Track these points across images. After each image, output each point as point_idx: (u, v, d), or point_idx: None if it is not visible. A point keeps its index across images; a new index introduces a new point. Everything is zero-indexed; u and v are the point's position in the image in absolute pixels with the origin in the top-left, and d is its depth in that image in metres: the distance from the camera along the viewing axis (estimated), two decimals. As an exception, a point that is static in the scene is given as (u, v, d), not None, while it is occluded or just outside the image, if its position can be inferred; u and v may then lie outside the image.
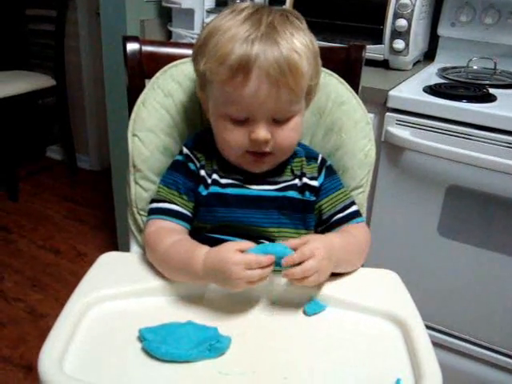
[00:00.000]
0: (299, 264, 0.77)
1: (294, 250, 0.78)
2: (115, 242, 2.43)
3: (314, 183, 0.96)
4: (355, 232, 0.93)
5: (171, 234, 0.88)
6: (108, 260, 0.91)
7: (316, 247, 0.78)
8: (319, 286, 0.84)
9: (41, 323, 2.05)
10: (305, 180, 0.95)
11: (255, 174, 0.92)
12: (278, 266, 0.78)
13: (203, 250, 0.81)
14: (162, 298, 0.82)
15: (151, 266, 0.87)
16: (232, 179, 0.92)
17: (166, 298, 0.82)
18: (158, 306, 0.81)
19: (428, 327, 0.78)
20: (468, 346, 1.63)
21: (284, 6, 1.80)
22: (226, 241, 0.83)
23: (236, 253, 0.76)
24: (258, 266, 0.75)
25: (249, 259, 0.75)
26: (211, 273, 0.78)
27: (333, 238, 0.85)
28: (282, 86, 0.81)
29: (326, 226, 0.96)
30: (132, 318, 0.77)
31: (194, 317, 0.77)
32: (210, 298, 0.82)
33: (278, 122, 0.85)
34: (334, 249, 0.82)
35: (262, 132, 0.84)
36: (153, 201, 0.95)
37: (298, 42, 0.82)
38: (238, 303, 0.81)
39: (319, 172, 0.97)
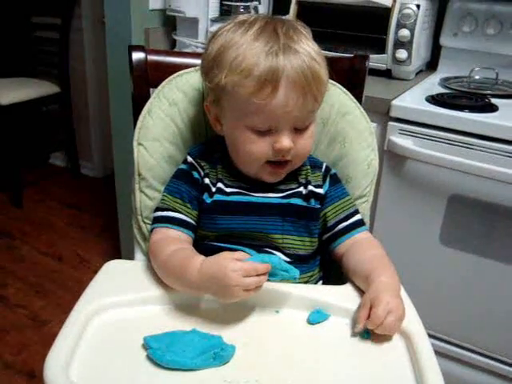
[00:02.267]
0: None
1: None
2: (118, 249, 2.43)
3: (320, 191, 0.97)
4: (375, 247, 0.94)
5: (174, 243, 0.88)
6: (113, 268, 0.92)
7: (385, 300, 0.77)
8: (322, 295, 0.84)
9: (43, 329, 2.05)
10: (310, 188, 0.96)
11: (260, 183, 0.93)
12: (271, 276, 0.78)
13: (199, 258, 0.81)
14: (167, 307, 0.83)
15: (155, 274, 0.88)
16: (237, 188, 0.93)
17: (170, 306, 0.83)
18: (163, 314, 0.81)
19: (429, 335, 0.78)
20: (469, 354, 1.64)
21: (288, 16, 1.81)
22: (230, 249, 0.83)
23: (233, 260, 0.76)
24: (255, 274, 0.76)
25: (246, 266, 0.76)
26: (207, 281, 0.77)
27: (383, 279, 0.82)
28: (308, 94, 0.83)
29: (331, 233, 0.97)
30: (137, 326, 0.78)
31: (199, 325, 0.77)
32: (211, 307, 0.82)
33: (298, 130, 0.87)
34: (394, 286, 0.82)
35: (286, 141, 0.85)
36: (157, 209, 0.96)
37: (313, 51, 0.84)
38: (242, 312, 0.82)
39: (324, 180, 0.99)
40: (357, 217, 0.98)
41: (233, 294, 0.76)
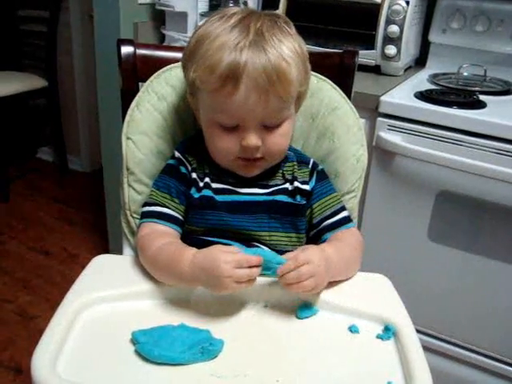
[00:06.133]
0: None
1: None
2: (106, 244, 2.42)
3: (306, 187, 0.96)
4: (349, 239, 0.94)
5: (162, 237, 0.88)
6: (101, 262, 0.91)
7: (311, 254, 0.79)
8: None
9: (31, 325, 2.04)
10: (296, 184, 0.96)
11: (246, 178, 0.93)
12: (265, 270, 0.78)
13: (191, 251, 0.81)
14: (155, 301, 0.82)
15: (144, 268, 0.88)
16: (223, 183, 0.93)
17: (158, 300, 0.83)
18: (151, 308, 0.81)
19: (417, 331, 0.79)
20: (457, 349, 1.65)
21: (277, 11, 1.81)
22: (218, 243, 0.83)
23: (226, 253, 0.77)
24: (247, 265, 0.76)
25: (239, 257, 0.76)
26: (200, 273, 0.78)
27: (327, 248, 0.85)
28: (271, 94, 0.81)
29: (316, 230, 0.97)
30: (125, 320, 0.77)
31: (187, 319, 0.77)
32: (200, 301, 0.82)
33: (268, 127, 0.86)
34: (329, 258, 0.82)
35: (252, 139, 0.85)
36: (145, 204, 0.96)
37: (287, 49, 0.82)
38: (230, 306, 0.82)
39: (310, 176, 0.98)
40: (343, 214, 0.98)
41: (224, 286, 0.75)
